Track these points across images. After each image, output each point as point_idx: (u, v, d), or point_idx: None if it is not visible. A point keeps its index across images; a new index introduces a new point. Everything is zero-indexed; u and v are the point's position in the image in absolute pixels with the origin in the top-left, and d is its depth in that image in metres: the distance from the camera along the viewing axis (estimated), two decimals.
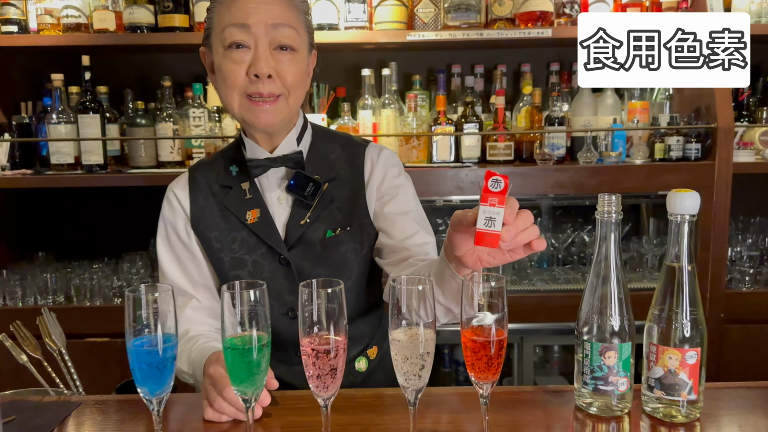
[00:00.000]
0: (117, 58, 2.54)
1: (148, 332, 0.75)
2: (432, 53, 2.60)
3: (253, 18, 1.07)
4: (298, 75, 1.12)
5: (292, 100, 1.14)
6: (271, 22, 1.08)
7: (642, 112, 2.34)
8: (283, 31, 1.09)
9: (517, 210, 0.81)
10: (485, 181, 0.79)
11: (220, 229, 1.20)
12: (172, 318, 0.75)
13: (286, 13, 1.10)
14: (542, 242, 0.82)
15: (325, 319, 0.75)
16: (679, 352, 0.87)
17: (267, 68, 1.08)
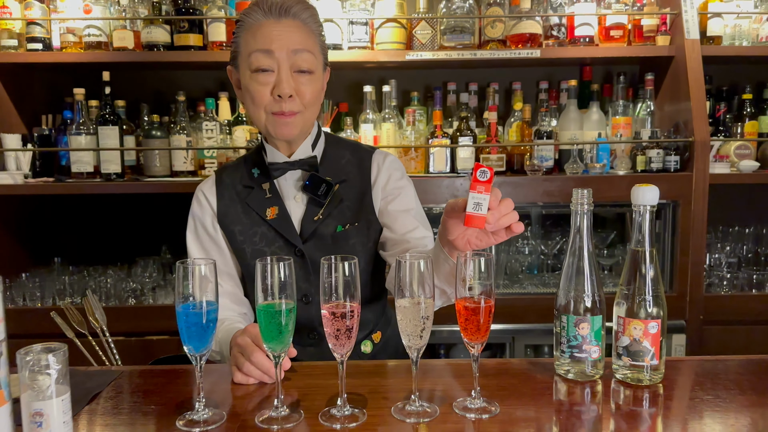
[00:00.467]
0: (135, 75, 2.69)
1: (193, 299, 0.89)
2: (429, 71, 2.77)
3: (276, 44, 1.23)
4: (314, 93, 1.28)
5: (308, 114, 1.30)
6: (292, 48, 1.24)
7: (625, 127, 2.50)
8: (302, 56, 1.25)
9: (500, 198, 0.96)
10: (474, 172, 0.94)
11: (243, 223, 1.35)
12: (213, 287, 0.89)
13: (305, 38, 1.26)
14: (521, 225, 0.99)
15: (342, 288, 0.89)
16: (642, 323, 1.02)
17: (289, 89, 1.24)
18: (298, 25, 1.26)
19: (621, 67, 2.71)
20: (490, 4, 2.44)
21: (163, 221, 2.68)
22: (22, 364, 0.85)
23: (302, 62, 1.25)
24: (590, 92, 2.57)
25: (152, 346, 2.30)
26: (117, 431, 0.91)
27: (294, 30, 1.25)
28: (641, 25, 2.48)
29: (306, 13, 1.27)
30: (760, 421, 0.91)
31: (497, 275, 2.45)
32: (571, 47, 2.45)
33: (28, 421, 0.84)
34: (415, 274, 0.90)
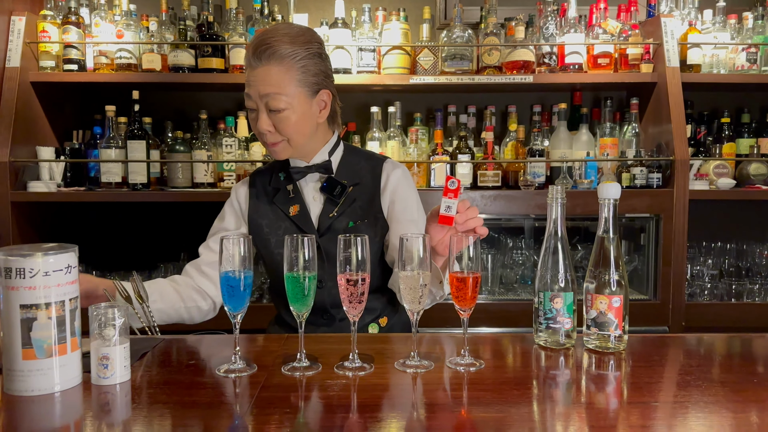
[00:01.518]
0: (161, 94, 2.92)
1: (232, 268, 1.08)
2: (431, 95, 2.99)
3: (251, 89, 1.43)
4: (291, 126, 1.44)
5: (294, 141, 1.48)
6: (262, 93, 1.41)
7: (612, 147, 2.71)
8: (273, 98, 1.41)
9: (469, 206, 1.22)
10: (446, 183, 1.20)
11: (269, 218, 1.56)
12: (250, 259, 1.08)
13: (277, 81, 1.40)
14: (485, 229, 1.22)
15: (355, 260, 1.08)
16: (607, 298, 1.20)
17: (264, 127, 1.44)
18: (272, 67, 1.39)
19: (608, 92, 2.93)
20: (487, 34, 2.66)
21: (183, 229, 2.88)
22: (93, 317, 1.04)
23: (273, 103, 1.41)
24: (580, 115, 2.78)
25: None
26: (165, 378, 1.09)
27: (267, 74, 1.40)
28: (627, 54, 2.70)
29: (286, 49, 1.40)
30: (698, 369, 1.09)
31: (493, 284, 2.63)
32: (562, 74, 2.67)
33: (96, 363, 1.03)
34: (414, 249, 1.09)
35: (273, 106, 1.41)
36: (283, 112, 1.42)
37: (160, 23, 2.66)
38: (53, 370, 0.99)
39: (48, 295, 0.98)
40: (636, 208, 2.53)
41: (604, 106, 2.78)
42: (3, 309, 0.98)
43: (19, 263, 0.96)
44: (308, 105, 1.47)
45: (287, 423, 0.90)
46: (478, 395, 1.00)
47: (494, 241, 2.85)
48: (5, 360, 1.00)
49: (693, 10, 2.77)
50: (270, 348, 1.26)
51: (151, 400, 0.99)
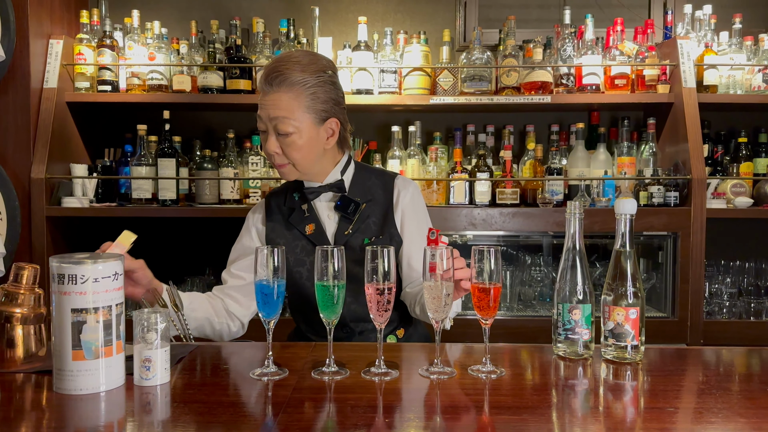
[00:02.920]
0: (190, 114, 3.03)
1: (266, 277, 1.14)
2: (450, 114, 3.06)
3: (262, 112, 1.51)
4: (298, 149, 1.50)
5: (299, 165, 1.54)
6: (272, 116, 1.48)
7: (629, 166, 2.75)
8: (281, 122, 1.47)
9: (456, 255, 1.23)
10: (428, 235, 1.28)
11: (286, 237, 1.63)
12: (282, 269, 1.15)
13: (287, 106, 1.46)
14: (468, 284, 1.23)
15: (381, 270, 1.14)
16: (624, 309, 1.25)
17: (273, 148, 1.52)
18: (283, 94, 1.46)
19: (626, 112, 2.98)
20: (506, 56, 2.74)
21: (209, 244, 2.97)
22: (136, 321, 1.10)
23: (281, 127, 1.48)
24: (598, 134, 2.83)
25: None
26: (201, 380, 1.16)
27: (278, 100, 1.47)
28: (643, 75, 2.75)
29: (297, 77, 1.46)
30: (713, 379, 1.13)
31: (511, 300, 2.67)
32: (579, 94, 2.73)
33: (139, 366, 1.10)
34: (439, 260, 1.15)
35: (281, 129, 1.48)
36: (291, 136, 1.48)
37: (190, 46, 2.77)
38: (100, 370, 1.06)
39: (96, 300, 1.05)
40: (654, 226, 2.56)
41: (622, 125, 2.83)
42: (55, 313, 1.05)
43: (71, 270, 1.04)
44: (315, 131, 1.52)
45: (318, 422, 0.95)
46: (499, 400, 1.05)
47: (512, 258, 2.89)
48: (56, 360, 1.07)
49: (709, 32, 2.82)
50: (299, 354, 1.32)
51: (190, 400, 1.05)
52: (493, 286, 1.16)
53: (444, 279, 1.16)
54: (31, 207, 2.56)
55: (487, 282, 1.17)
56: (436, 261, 1.16)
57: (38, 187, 2.56)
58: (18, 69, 2.54)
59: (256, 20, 2.78)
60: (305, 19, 2.96)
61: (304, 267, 1.60)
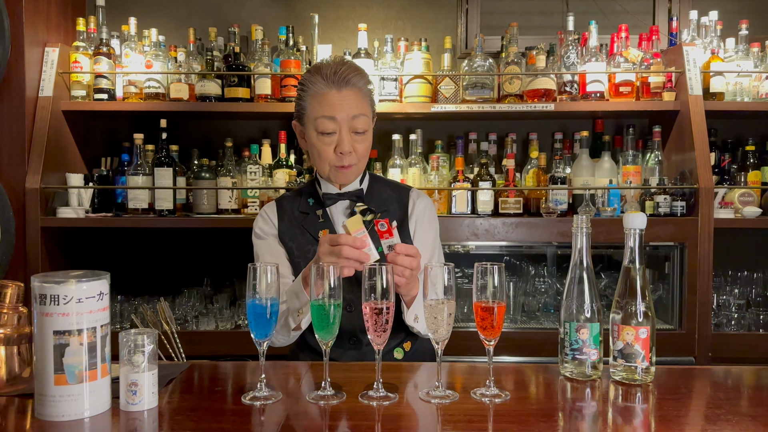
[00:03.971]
0: (188, 123, 2.99)
1: (259, 295, 1.09)
2: (452, 122, 3.02)
3: (338, 112, 1.49)
4: (367, 148, 1.55)
5: (361, 165, 1.57)
6: (351, 114, 1.49)
7: (635, 175, 2.70)
8: (359, 120, 1.50)
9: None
10: (376, 226, 1.29)
11: (299, 242, 1.59)
12: (276, 287, 1.10)
13: (360, 103, 1.51)
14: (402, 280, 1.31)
15: (380, 288, 1.09)
16: (634, 329, 1.19)
17: (348, 147, 1.50)
18: (355, 93, 1.51)
19: (630, 119, 2.93)
20: (508, 63, 2.69)
21: (208, 255, 2.92)
22: (122, 343, 1.05)
23: (359, 125, 1.50)
24: (602, 143, 2.78)
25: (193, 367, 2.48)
26: (191, 404, 1.10)
27: (352, 98, 1.50)
28: (648, 82, 2.70)
29: (362, 81, 1.52)
30: (726, 403, 1.07)
31: (515, 312, 2.61)
32: (583, 102, 2.68)
33: (125, 390, 1.04)
34: (438, 278, 1.10)
35: (360, 127, 1.50)
36: (365, 133, 1.53)
37: (188, 54, 2.73)
38: (83, 395, 1.01)
39: (80, 321, 1.00)
40: (660, 236, 2.51)
41: (627, 133, 2.78)
42: (37, 335, 1.00)
43: (53, 290, 0.99)
44: (371, 130, 1.59)
45: None
46: (504, 427, 1.00)
47: (516, 269, 2.84)
48: (38, 385, 1.01)
49: (715, 39, 2.77)
50: (295, 375, 1.27)
51: (178, 427, 1.00)
52: (497, 305, 1.11)
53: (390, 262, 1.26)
54: (26, 218, 2.51)
55: (491, 300, 1.12)
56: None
57: (33, 197, 2.52)
58: (13, 77, 2.50)
59: (254, 27, 2.74)
60: (305, 27, 2.92)
61: None
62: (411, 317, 1.44)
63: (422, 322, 1.43)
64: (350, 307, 1.54)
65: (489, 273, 1.11)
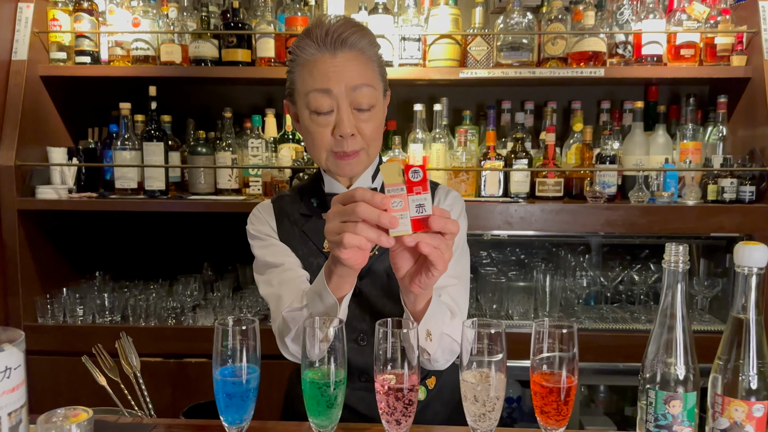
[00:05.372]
0: (181, 89, 2.65)
1: (232, 362, 0.79)
2: (482, 89, 2.65)
3: (334, 82, 1.14)
4: (376, 129, 1.20)
5: (372, 150, 1.22)
6: (351, 85, 1.14)
7: (694, 153, 2.33)
8: (362, 91, 1.15)
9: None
10: (406, 175, 0.85)
11: (300, 252, 1.28)
12: (256, 351, 0.79)
13: (363, 71, 1.16)
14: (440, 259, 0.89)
15: (401, 357, 0.78)
16: (745, 404, 0.87)
17: (350, 129, 1.16)
18: (356, 56, 1.16)
19: (689, 88, 2.54)
20: (550, 20, 2.30)
21: (207, 237, 2.63)
22: None
23: (362, 99, 1.16)
24: (656, 114, 2.40)
25: (189, 368, 2.24)
26: None
27: (352, 63, 1.15)
28: (714, 43, 2.30)
29: (364, 40, 1.17)
30: None
31: (552, 308, 2.30)
32: (638, 66, 2.30)
33: None
34: (485, 340, 0.79)
35: (363, 102, 1.15)
36: (372, 110, 1.18)
37: (181, 10, 2.38)
38: None
39: None
40: (724, 226, 2.16)
41: (686, 104, 2.40)
42: None
43: None
44: (384, 106, 1.25)
45: None
46: None
47: (552, 257, 2.52)
48: None
49: None
50: None
51: None
52: (567, 381, 0.80)
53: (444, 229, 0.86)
54: (0, 199, 2.23)
55: (556, 369, 0.80)
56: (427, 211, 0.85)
57: (8, 176, 2.23)
58: None
59: None
60: None
61: None
62: (422, 334, 1.06)
63: (438, 344, 1.08)
64: (362, 339, 1.24)
65: (555, 337, 0.79)
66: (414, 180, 0.85)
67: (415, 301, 1.01)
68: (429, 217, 0.84)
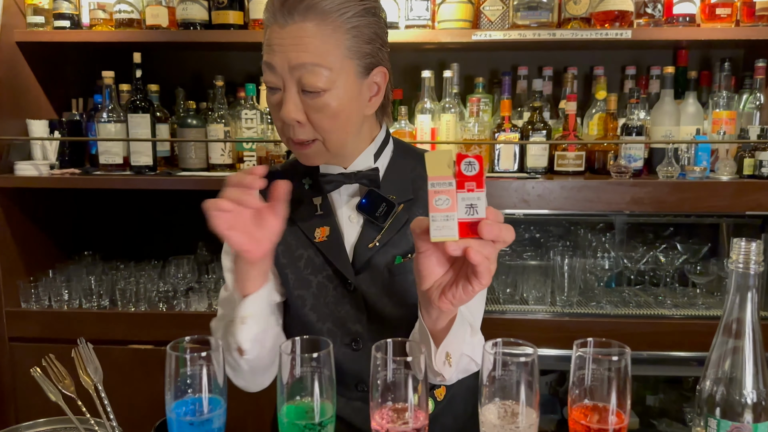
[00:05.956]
0: (169, 56, 2.47)
1: (192, 393, 0.63)
2: (496, 54, 2.44)
3: (276, 57, 0.95)
4: (333, 116, 0.98)
5: (332, 141, 1.01)
6: (294, 63, 0.94)
7: (728, 123, 2.13)
8: (308, 72, 0.95)
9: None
10: (458, 166, 0.68)
11: (287, 243, 1.10)
12: (222, 379, 0.63)
13: (315, 46, 0.94)
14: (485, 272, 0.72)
15: (405, 389, 0.62)
16: None
17: (295, 115, 0.97)
18: (308, 29, 0.94)
19: (722, 51, 2.33)
20: None
21: (201, 215, 2.47)
22: None
23: (309, 80, 0.95)
24: (686, 80, 2.20)
25: None
26: None
27: (300, 37, 0.94)
28: (753, 2, 2.08)
29: (324, 4, 0.94)
30: None
31: (570, 291, 2.14)
32: (668, 28, 2.09)
33: None
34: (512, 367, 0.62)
35: (309, 84, 0.95)
36: (323, 95, 0.96)
37: None
38: None
39: None
40: (762, 204, 1.97)
41: (720, 69, 2.19)
42: None
43: None
44: (357, 88, 1.00)
45: None
46: None
47: (570, 236, 2.35)
48: None
49: None
50: None
51: None
52: (617, 420, 0.63)
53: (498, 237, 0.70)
54: None
55: (600, 403, 0.64)
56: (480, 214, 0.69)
57: None
58: None
59: None
60: None
61: (309, 291, 1.09)
62: (440, 358, 0.88)
63: (456, 367, 0.91)
64: (356, 344, 1.08)
65: (600, 364, 0.63)
66: (467, 174, 0.68)
67: (438, 319, 0.83)
68: (480, 222, 0.68)
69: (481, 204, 0.68)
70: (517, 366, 0.61)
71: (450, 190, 0.67)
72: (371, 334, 1.08)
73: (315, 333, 1.08)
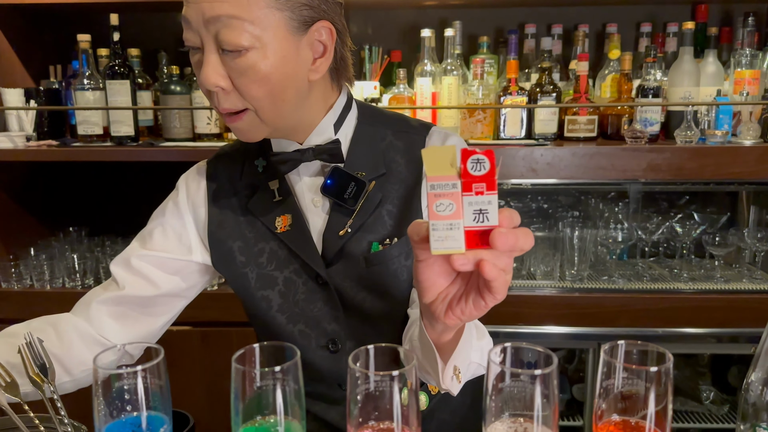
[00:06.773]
0: (150, 17, 2.31)
1: (130, 411, 0.51)
2: (502, 11, 2.27)
3: (191, 10, 0.80)
4: (262, 80, 0.82)
5: (266, 111, 0.85)
6: (209, 15, 0.79)
7: (751, 83, 1.97)
8: (224, 29, 0.79)
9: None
10: (463, 164, 0.54)
11: (244, 238, 0.97)
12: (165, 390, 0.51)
13: None
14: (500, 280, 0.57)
15: (391, 404, 0.50)
16: None
17: (214, 79, 0.81)
18: None
19: (745, 6, 2.16)
20: None
21: None
22: None
23: (225, 37, 0.79)
24: (704, 38, 2.04)
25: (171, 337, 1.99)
26: None
27: None
28: None
29: None
30: None
31: (581, 264, 2.01)
32: None
33: None
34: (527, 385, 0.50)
35: (227, 41, 0.79)
36: (246, 54, 0.80)
37: None
38: None
39: None
40: None
41: (743, 25, 2.03)
42: None
43: None
44: (292, 46, 0.83)
45: None
46: None
47: (580, 205, 2.22)
48: None
49: None
50: None
51: None
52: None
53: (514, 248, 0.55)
54: None
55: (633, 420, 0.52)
56: (491, 221, 0.55)
57: None
58: None
59: None
60: None
61: (275, 289, 0.96)
62: (449, 374, 0.74)
63: (463, 377, 0.77)
64: (333, 345, 0.97)
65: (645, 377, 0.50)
66: (474, 174, 0.54)
67: (444, 332, 0.68)
68: (493, 230, 0.54)
69: (493, 209, 0.54)
70: (530, 378, 0.49)
71: (454, 193, 0.54)
72: (350, 332, 0.96)
73: (285, 337, 0.96)
